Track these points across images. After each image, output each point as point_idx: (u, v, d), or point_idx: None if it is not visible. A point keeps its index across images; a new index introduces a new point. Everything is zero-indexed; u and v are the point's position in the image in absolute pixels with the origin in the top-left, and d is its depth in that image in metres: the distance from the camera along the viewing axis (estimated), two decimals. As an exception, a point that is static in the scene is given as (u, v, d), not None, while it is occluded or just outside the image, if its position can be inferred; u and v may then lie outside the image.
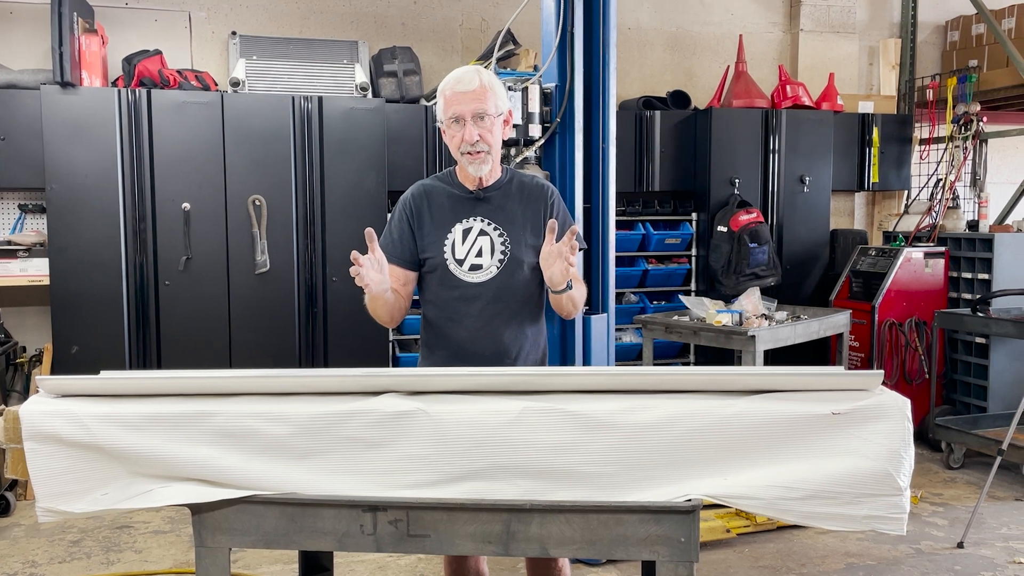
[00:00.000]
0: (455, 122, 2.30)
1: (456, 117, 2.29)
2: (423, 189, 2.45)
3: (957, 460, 4.95)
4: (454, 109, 2.29)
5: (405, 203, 2.44)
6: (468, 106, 2.28)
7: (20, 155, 4.58)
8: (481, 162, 2.32)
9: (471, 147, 2.29)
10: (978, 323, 5.00)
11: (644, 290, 5.77)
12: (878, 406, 1.75)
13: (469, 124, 2.28)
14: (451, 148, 2.35)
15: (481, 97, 2.28)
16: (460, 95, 2.29)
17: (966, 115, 5.84)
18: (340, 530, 1.83)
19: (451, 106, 2.30)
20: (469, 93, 2.28)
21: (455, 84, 2.30)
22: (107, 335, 4.61)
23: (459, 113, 2.28)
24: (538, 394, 1.86)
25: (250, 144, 4.75)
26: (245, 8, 5.42)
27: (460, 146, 2.31)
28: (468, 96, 2.28)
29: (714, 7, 6.38)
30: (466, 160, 2.33)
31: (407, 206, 2.43)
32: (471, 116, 2.28)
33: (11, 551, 3.81)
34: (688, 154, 5.77)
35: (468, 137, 2.28)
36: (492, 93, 2.30)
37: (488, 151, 2.32)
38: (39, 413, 1.82)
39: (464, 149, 2.31)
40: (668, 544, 1.77)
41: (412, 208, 2.42)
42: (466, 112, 2.28)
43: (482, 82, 2.30)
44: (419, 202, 2.42)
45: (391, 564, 3.64)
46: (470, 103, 2.28)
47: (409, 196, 2.45)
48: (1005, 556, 3.72)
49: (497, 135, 2.34)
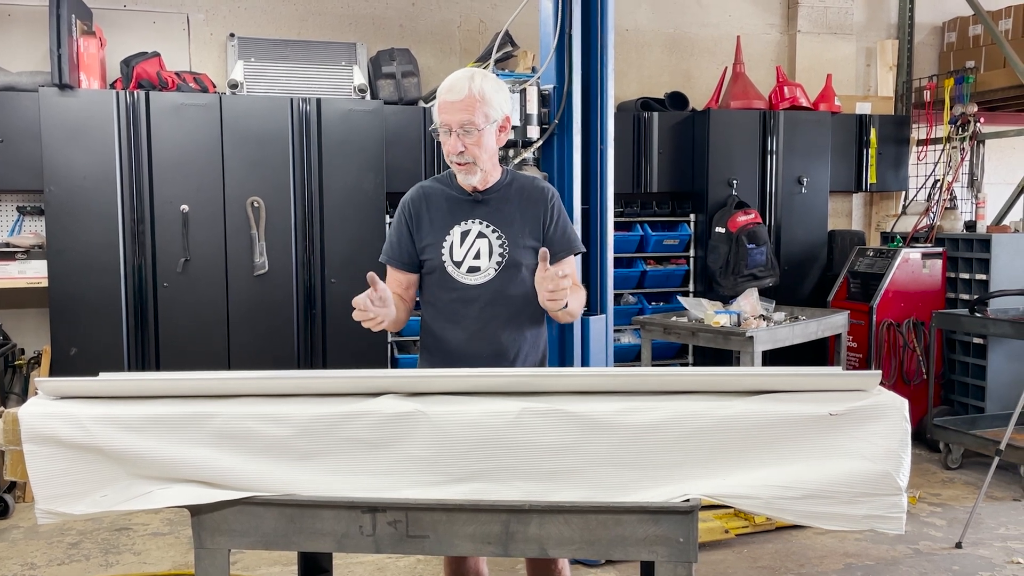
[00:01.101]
0: (445, 131, 2.28)
1: (443, 126, 2.27)
2: (422, 191, 2.44)
3: (955, 460, 4.96)
4: (442, 118, 2.27)
5: (404, 206, 2.44)
6: (455, 116, 2.24)
7: (18, 157, 4.58)
8: (468, 172, 2.30)
9: (455, 158, 2.28)
10: (976, 323, 5.01)
11: (642, 291, 5.77)
12: (876, 406, 1.76)
13: (454, 135, 2.25)
14: (444, 155, 2.35)
15: (469, 108, 2.23)
16: (448, 104, 2.25)
17: (963, 116, 5.85)
18: (339, 531, 1.83)
19: (440, 114, 2.27)
20: (457, 103, 2.24)
21: (446, 92, 2.27)
22: (106, 337, 4.61)
23: (446, 123, 2.26)
24: (537, 395, 1.86)
25: (248, 146, 4.75)
26: (243, 10, 5.42)
27: (448, 155, 2.30)
28: (455, 106, 2.24)
29: (712, 8, 6.39)
30: (455, 169, 2.33)
31: (406, 209, 2.43)
32: (457, 126, 2.24)
33: (10, 553, 3.81)
34: (686, 155, 5.78)
35: (451, 148, 2.26)
36: (482, 103, 2.24)
37: (474, 162, 2.29)
38: (38, 415, 1.82)
39: (449, 159, 2.30)
40: (667, 544, 1.77)
41: (411, 211, 2.42)
42: (452, 122, 2.25)
43: (471, 91, 2.23)
44: (418, 205, 2.42)
45: (390, 565, 3.64)
46: (457, 113, 2.24)
47: (408, 199, 2.45)
48: (1003, 556, 3.72)
49: (487, 145, 2.29)
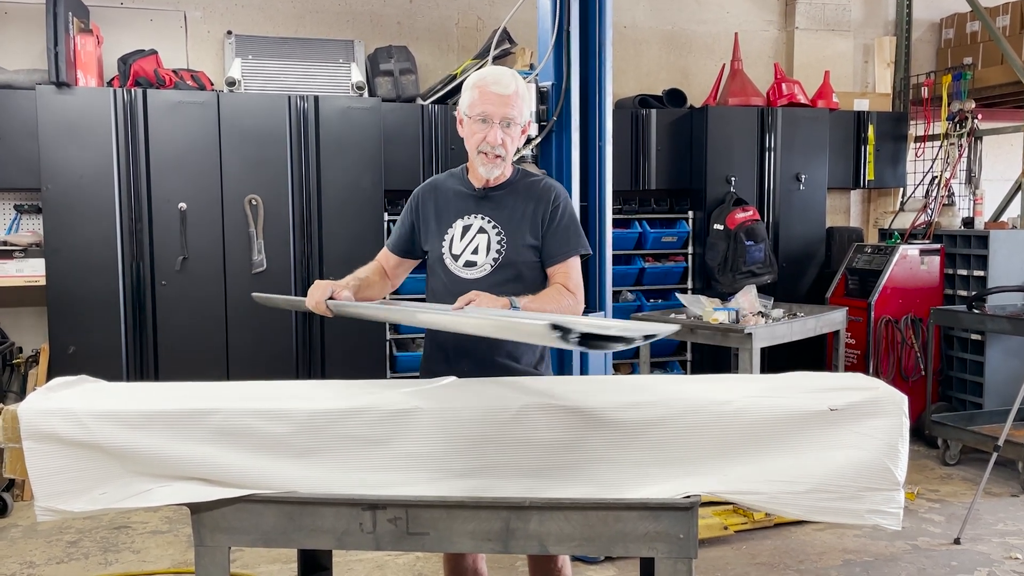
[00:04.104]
0: (482, 120, 2.28)
1: (484, 116, 2.28)
2: (433, 184, 2.51)
3: (953, 456, 4.97)
4: (484, 108, 2.27)
5: (414, 197, 2.52)
6: (500, 109, 2.27)
7: (15, 155, 4.57)
8: (495, 166, 2.33)
9: (491, 149, 2.29)
10: (974, 320, 5.02)
11: (641, 288, 5.77)
12: (875, 401, 1.76)
13: (496, 127, 2.28)
14: (468, 144, 2.35)
15: (514, 103, 2.28)
16: (494, 96, 2.27)
17: (961, 112, 5.86)
18: (339, 528, 1.83)
19: (482, 104, 2.28)
20: (505, 97, 2.27)
21: (492, 83, 2.28)
22: (104, 335, 4.60)
23: (488, 113, 2.27)
24: (537, 391, 1.86)
25: (246, 144, 4.75)
26: (240, 7, 5.41)
27: (480, 145, 2.30)
28: (503, 100, 2.27)
29: (709, 5, 6.38)
30: (480, 160, 2.33)
31: (415, 200, 2.51)
32: (500, 120, 2.27)
33: (9, 552, 3.81)
34: (684, 152, 5.78)
35: (492, 139, 2.27)
36: (523, 102, 2.31)
37: (504, 156, 2.32)
38: (38, 412, 1.82)
39: (483, 149, 2.30)
40: (667, 541, 1.77)
41: (419, 202, 2.49)
42: (496, 114, 2.27)
43: (518, 89, 2.30)
44: (426, 197, 2.48)
45: (389, 563, 3.64)
46: (502, 107, 2.27)
47: (419, 190, 2.52)
48: (1001, 552, 3.73)
49: (516, 142, 2.35)
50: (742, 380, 2.23)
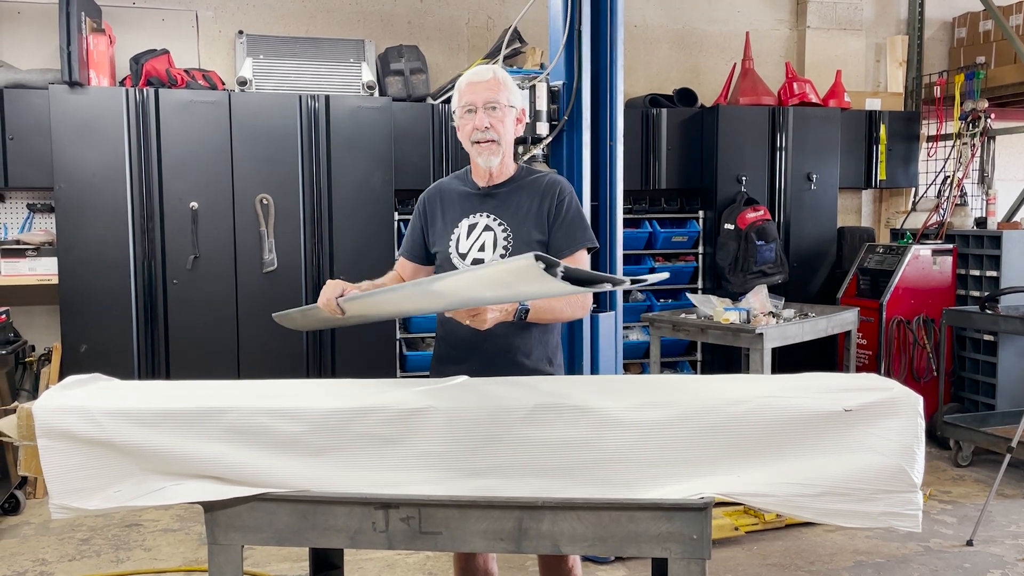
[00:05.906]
0: (468, 111, 2.34)
1: (468, 106, 2.34)
2: (438, 187, 2.53)
3: (965, 458, 4.94)
4: (467, 98, 2.34)
5: (421, 201, 2.54)
6: (480, 95, 2.33)
7: (28, 155, 4.60)
8: (491, 153, 2.34)
9: (481, 134, 2.32)
10: (986, 320, 4.99)
11: (651, 288, 5.76)
12: (890, 402, 1.75)
13: (480, 112, 2.32)
14: (463, 140, 2.39)
15: (494, 87, 2.34)
16: (473, 85, 2.35)
17: (974, 112, 5.83)
18: (352, 527, 1.83)
19: (464, 96, 2.35)
20: (482, 83, 2.34)
21: (471, 76, 2.37)
22: (116, 334, 4.62)
23: (471, 102, 2.33)
24: (550, 391, 1.86)
25: (257, 143, 4.76)
26: (252, 7, 5.43)
27: (471, 134, 2.34)
28: (481, 86, 2.34)
29: (720, 4, 6.36)
30: (476, 151, 2.35)
31: (422, 204, 2.53)
32: (483, 104, 2.32)
33: (21, 549, 3.83)
34: (695, 152, 5.77)
35: (478, 123, 2.32)
36: (504, 86, 2.36)
37: (497, 140, 2.34)
38: (52, 410, 1.83)
39: (475, 137, 2.34)
40: (680, 541, 1.77)
41: (425, 205, 2.51)
42: (478, 100, 2.32)
43: (495, 75, 2.36)
44: (432, 200, 2.50)
45: (400, 562, 3.65)
46: (482, 92, 2.33)
47: (424, 195, 2.55)
48: (1015, 554, 3.71)
49: (508, 127, 2.37)
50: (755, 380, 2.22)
